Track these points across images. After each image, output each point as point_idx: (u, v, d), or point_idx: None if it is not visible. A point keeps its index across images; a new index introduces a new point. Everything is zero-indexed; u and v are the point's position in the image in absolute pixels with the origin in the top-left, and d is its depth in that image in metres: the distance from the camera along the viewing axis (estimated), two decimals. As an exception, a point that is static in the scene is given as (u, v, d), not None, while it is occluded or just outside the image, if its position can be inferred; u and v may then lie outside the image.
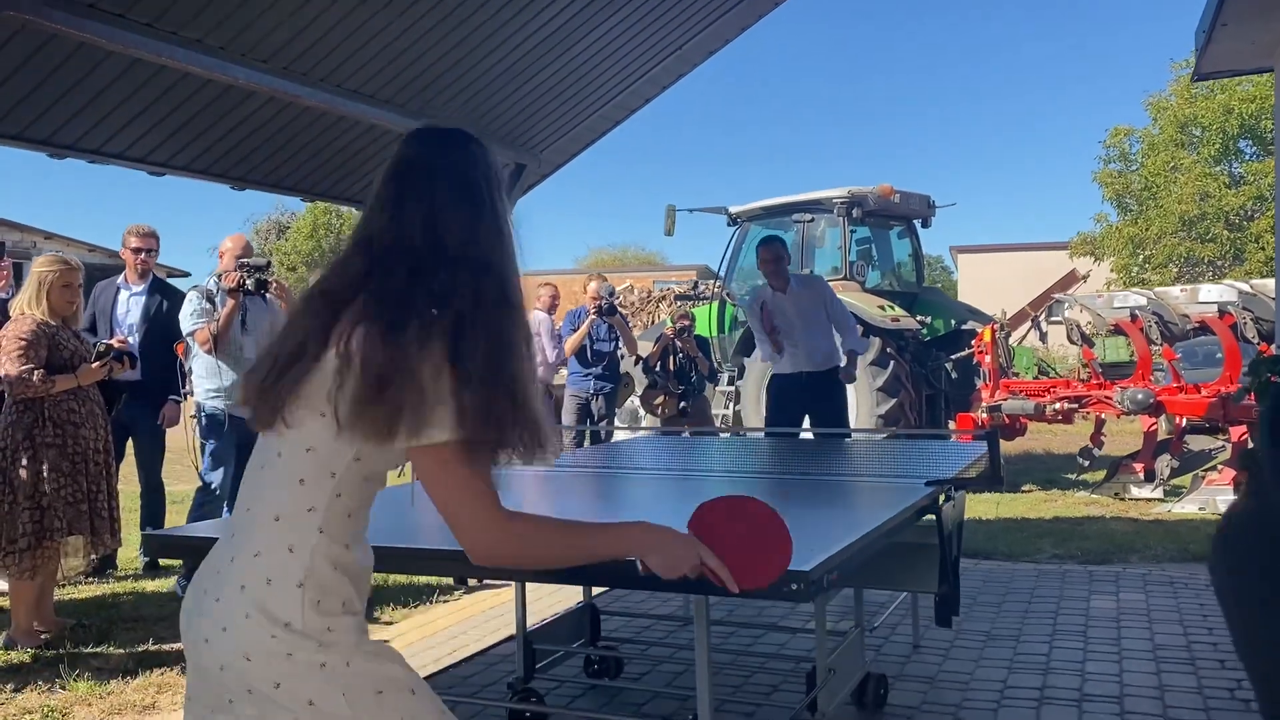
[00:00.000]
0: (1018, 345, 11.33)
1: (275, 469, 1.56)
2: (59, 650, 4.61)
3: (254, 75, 4.98)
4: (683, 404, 9.43)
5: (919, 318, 10.23)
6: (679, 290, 15.30)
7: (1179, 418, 8.73)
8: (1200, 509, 7.83)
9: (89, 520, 4.78)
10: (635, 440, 6.74)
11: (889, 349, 9.52)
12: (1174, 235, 23.98)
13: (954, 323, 10.73)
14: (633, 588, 5.23)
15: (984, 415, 9.27)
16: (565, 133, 7.42)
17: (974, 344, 9.93)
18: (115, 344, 5.07)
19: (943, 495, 3.29)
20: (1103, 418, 9.49)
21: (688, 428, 7.48)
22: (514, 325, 1.55)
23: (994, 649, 4.47)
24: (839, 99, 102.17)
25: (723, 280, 11.27)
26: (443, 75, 5.92)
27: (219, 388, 5.69)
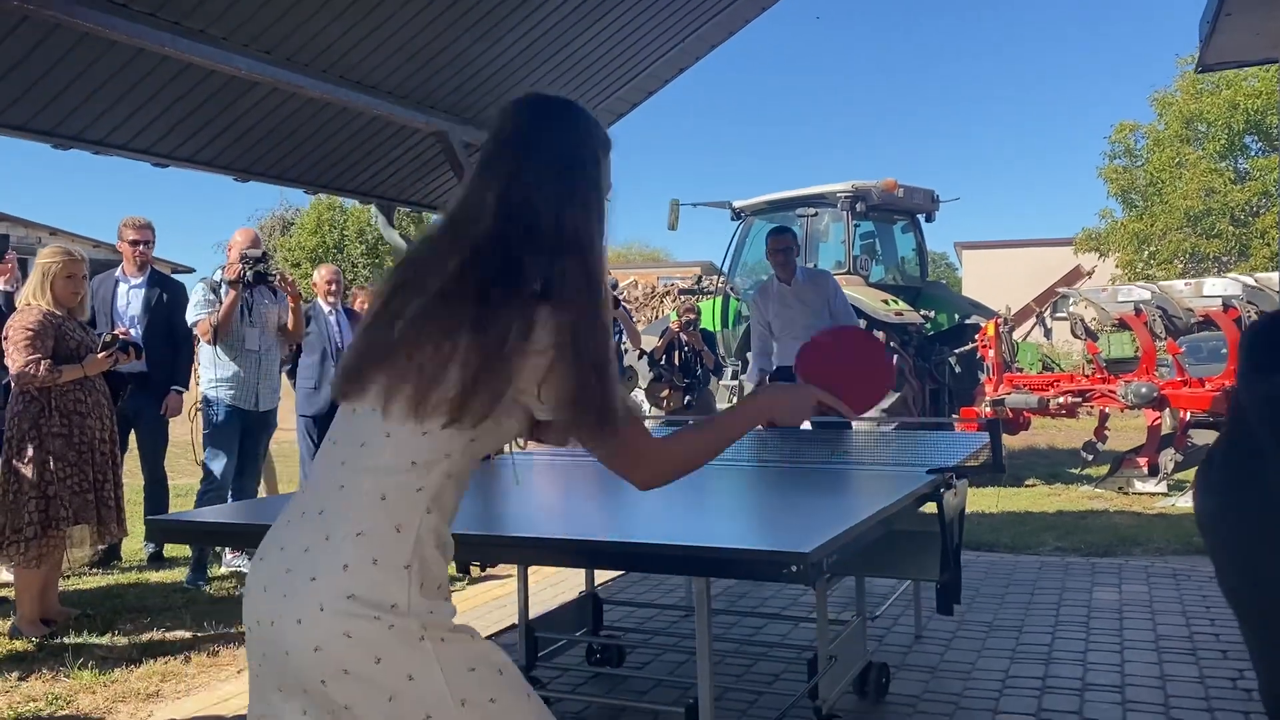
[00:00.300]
0: (1022, 341, 11.33)
1: (382, 448, 1.53)
2: (63, 639, 4.63)
3: (257, 66, 4.98)
4: (688, 397, 9.44)
5: (923, 312, 10.23)
6: (683, 285, 15.31)
7: (1183, 412, 8.72)
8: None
9: (95, 509, 4.80)
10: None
11: (892, 343, 9.51)
12: (1179, 231, 23.94)
13: (957, 317, 10.73)
14: (637, 570, 5.24)
15: (987, 409, 9.27)
16: (569, 125, 7.41)
17: (977, 338, 9.93)
18: (120, 334, 5.09)
19: (944, 483, 3.29)
20: (1106, 412, 9.49)
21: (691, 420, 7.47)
22: (603, 304, 1.59)
23: (996, 639, 4.47)
24: (843, 94, 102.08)
25: (727, 275, 11.27)
26: (445, 67, 5.92)
27: (220, 378, 5.76)
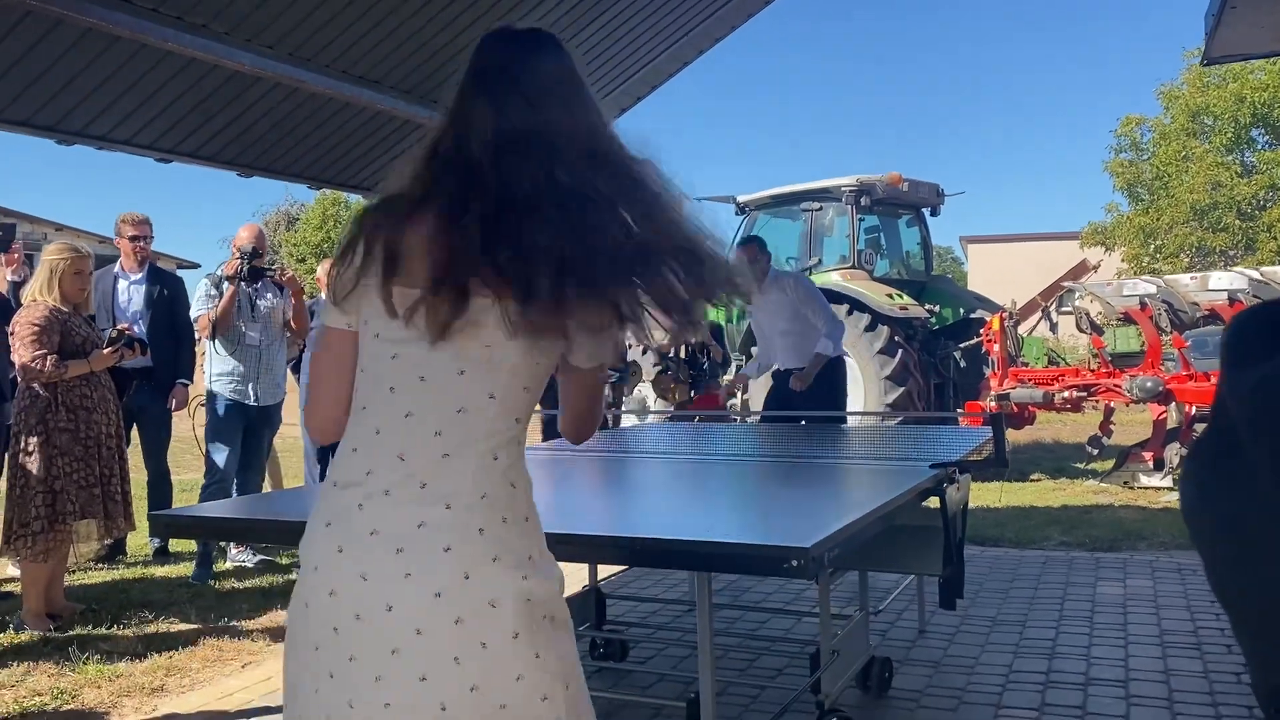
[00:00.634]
0: (1028, 335, 11.30)
1: (484, 409, 1.48)
2: (69, 634, 4.65)
3: (260, 61, 4.98)
4: (693, 391, 9.45)
5: (927, 306, 10.20)
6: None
7: (1188, 406, 8.69)
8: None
9: (101, 504, 4.83)
10: (643, 427, 6.75)
11: (897, 337, 9.49)
12: (1185, 225, 23.85)
13: (963, 311, 10.69)
14: (638, 565, 5.25)
15: (992, 404, 9.25)
16: (572, 120, 7.41)
17: (982, 333, 9.90)
18: (124, 330, 5.11)
19: (947, 478, 3.29)
20: (1112, 406, 9.46)
21: (695, 413, 7.48)
22: (677, 202, 1.52)
23: (1000, 634, 4.47)
24: (847, 88, 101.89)
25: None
26: (449, 61, 5.92)
27: (220, 372, 5.80)
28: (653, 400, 10.31)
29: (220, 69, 5.06)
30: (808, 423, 5.30)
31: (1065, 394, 9.24)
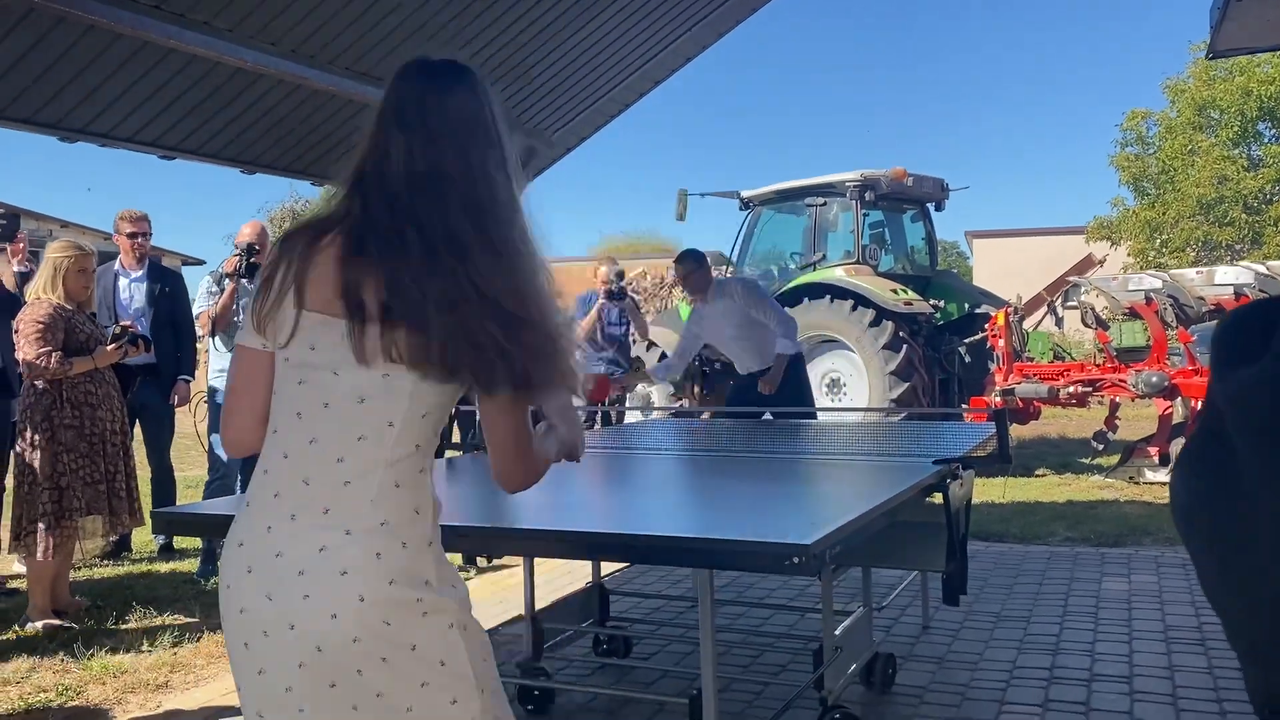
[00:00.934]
0: (1033, 330, 11.27)
1: (381, 439, 1.53)
2: (74, 629, 4.66)
3: (262, 58, 4.99)
4: (707, 392, 9.50)
5: (932, 301, 10.17)
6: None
7: (1194, 401, 8.66)
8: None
9: (107, 500, 4.85)
10: (648, 423, 6.75)
11: (901, 333, 9.47)
12: (1191, 219, 23.77)
13: (967, 306, 10.67)
14: (640, 562, 5.25)
15: (997, 399, 9.23)
16: (575, 116, 7.41)
17: (987, 328, 9.88)
18: (127, 327, 5.12)
19: (950, 474, 3.28)
20: (1117, 401, 9.44)
21: (695, 409, 7.48)
22: (545, 265, 1.58)
23: (1004, 630, 4.46)
24: (852, 83, 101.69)
25: (736, 265, 11.24)
26: (452, 57, 5.92)
27: (222, 368, 5.84)
28: (657, 398, 10.31)
29: (222, 66, 5.06)
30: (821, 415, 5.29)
31: (1070, 389, 9.21)
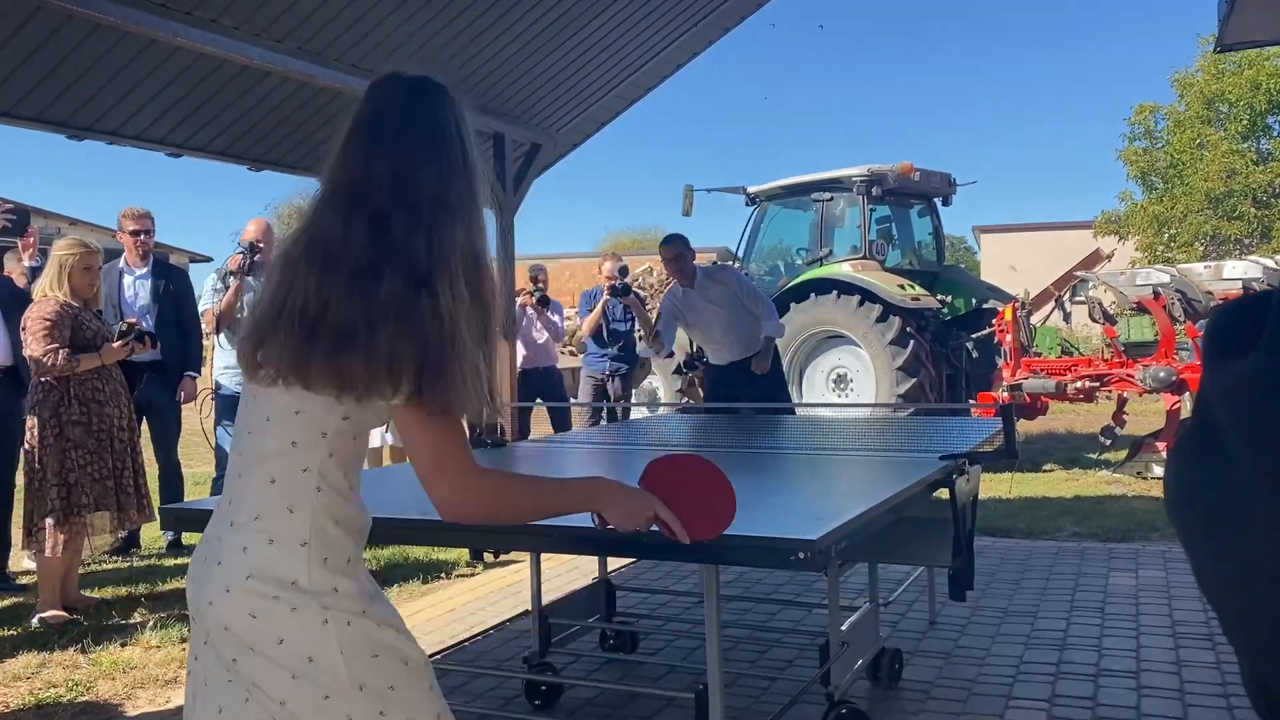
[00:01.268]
0: (1041, 325, 11.24)
1: (265, 434, 1.57)
2: (84, 625, 4.68)
3: (268, 55, 4.99)
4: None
5: (939, 296, 10.15)
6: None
7: (1202, 396, 8.62)
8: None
9: (115, 496, 4.87)
10: (652, 419, 6.75)
11: (909, 328, 9.46)
12: (1200, 213, 23.67)
13: (975, 301, 10.64)
14: (647, 558, 5.25)
15: (1005, 394, 9.21)
16: (581, 111, 7.41)
17: (995, 323, 9.85)
18: (133, 324, 5.14)
19: (956, 470, 3.28)
20: (1125, 396, 9.41)
21: (697, 405, 7.48)
22: (484, 284, 1.56)
23: (1011, 625, 4.46)
24: (858, 78, 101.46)
25: (742, 260, 11.23)
26: (459, 54, 5.92)
27: (227, 365, 5.87)
28: (662, 394, 10.30)
29: (229, 64, 5.07)
30: (825, 411, 5.29)
31: (1078, 384, 9.19)
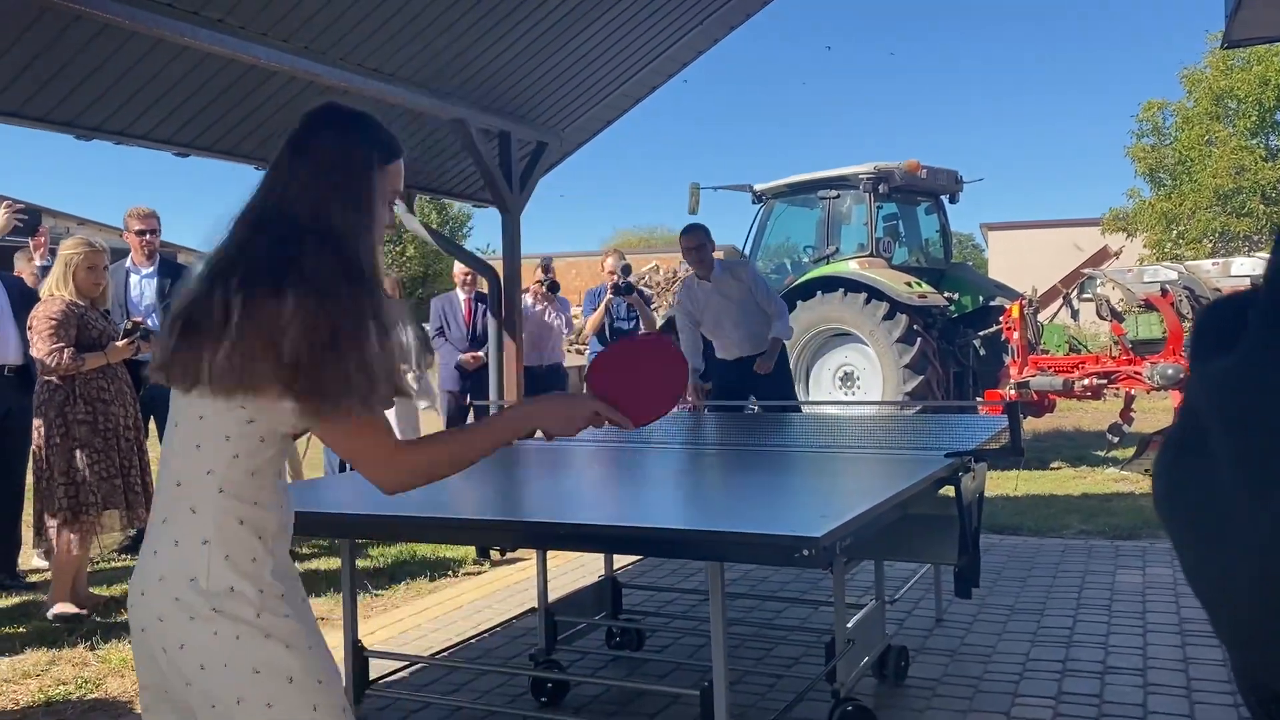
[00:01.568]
0: (1048, 322, 11.21)
1: (174, 437, 1.65)
2: (95, 622, 4.71)
3: (275, 55, 5.00)
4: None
5: (946, 294, 10.13)
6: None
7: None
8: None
9: (123, 494, 4.89)
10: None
11: (916, 325, 9.44)
12: (1209, 210, 23.59)
13: (982, 299, 10.62)
14: (653, 556, 5.26)
15: (1012, 392, 9.19)
16: (586, 110, 7.41)
17: (1002, 320, 9.84)
18: (139, 323, 5.16)
19: (962, 467, 3.28)
20: (1133, 393, 9.39)
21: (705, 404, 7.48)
22: (360, 297, 1.59)
23: (1017, 623, 4.46)
24: (865, 75, 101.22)
25: (749, 258, 11.23)
26: (464, 53, 5.93)
27: None
28: None
29: (236, 63, 5.08)
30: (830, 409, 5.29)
31: (1085, 381, 9.17)
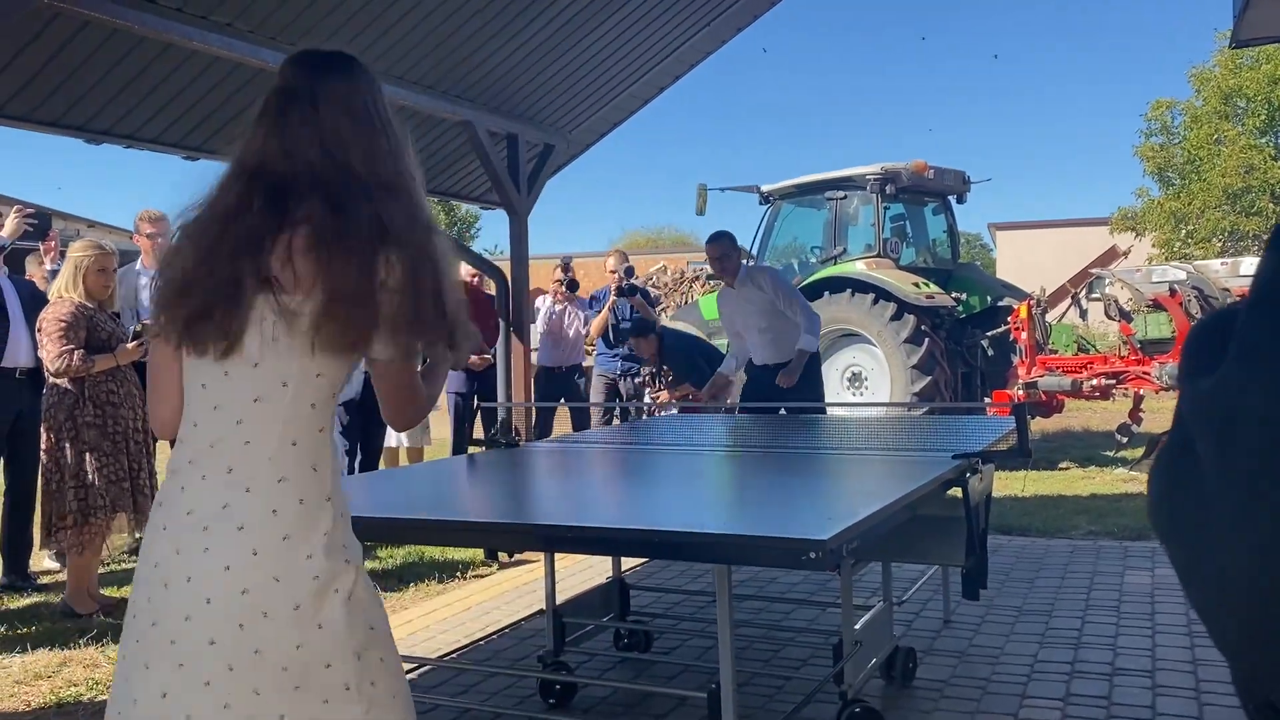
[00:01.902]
0: (1056, 322, 11.20)
1: (281, 398, 1.60)
2: (106, 622, 4.73)
3: (283, 59, 5.03)
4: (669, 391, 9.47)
5: (954, 294, 10.12)
6: (711, 271, 15.23)
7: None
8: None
9: (131, 497, 4.91)
10: (665, 418, 6.76)
11: (923, 326, 9.43)
12: (1218, 209, 23.51)
13: (990, 299, 10.60)
14: (661, 558, 5.26)
15: (1020, 392, 9.18)
16: (594, 112, 7.42)
17: (1010, 320, 9.82)
18: (150, 325, 5.18)
19: (969, 469, 3.28)
20: (1141, 394, 9.37)
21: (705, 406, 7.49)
22: (436, 241, 1.65)
23: (1025, 624, 4.45)
24: (871, 75, 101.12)
25: (756, 259, 11.22)
26: (470, 56, 5.94)
27: None
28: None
29: (244, 67, 5.10)
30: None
31: (1094, 382, 9.16)
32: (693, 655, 4.17)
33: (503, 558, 5.93)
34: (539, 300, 8.19)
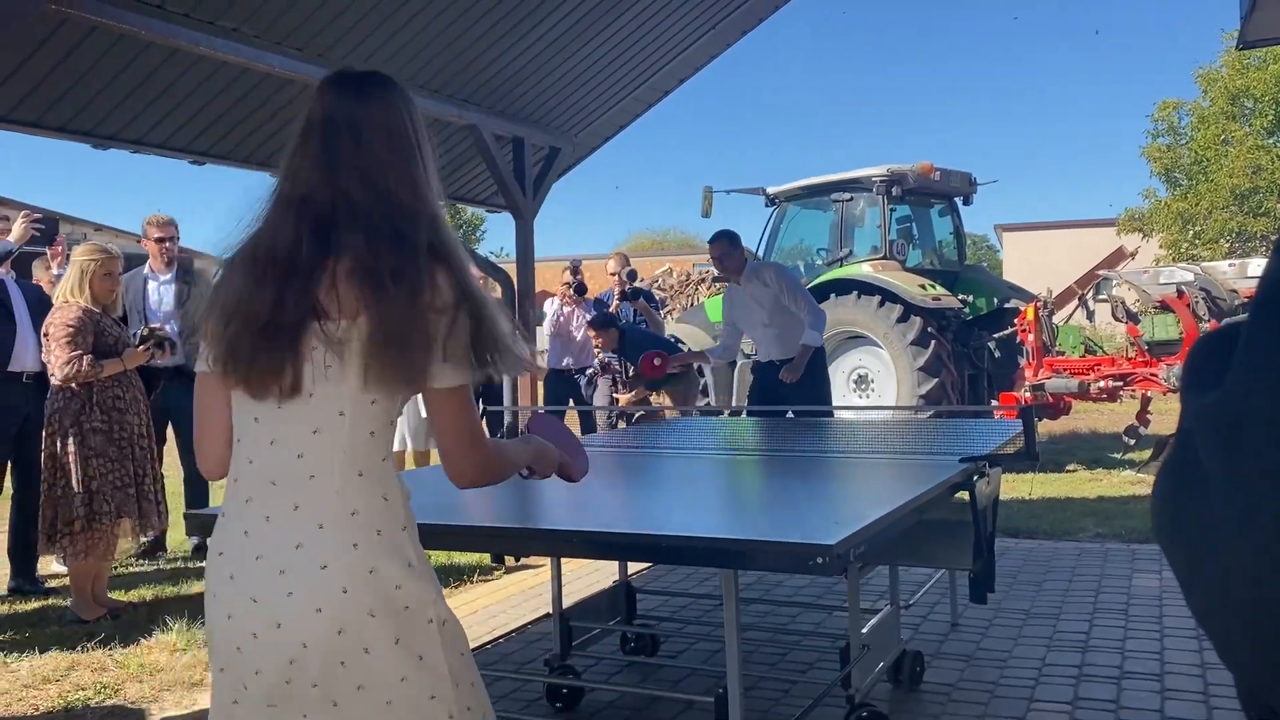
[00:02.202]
0: (1063, 324, 11.17)
1: (339, 428, 1.56)
2: (114, 626, 4.74)
3: (289, 63, 5.04)
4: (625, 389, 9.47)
5: (961, 296, 10.09)
6: (717, 272, 15.22)
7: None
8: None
9: (136, 503, 4.92)
10: (671, 421, 6.76)
11: (930, 328, 9.41)
12: (1225, 210, 23.45)
13: (996, 301, 10.58)
14: (666, 562, 5.26)
15: (1027, 394, 9.16)
16: (599, 115, 7.43)
17: (1017, 322, 9.80)
18: (155, 329, 5.19)
19: (977, 472, 3.27)
20: (1149, 395, 9.33)
21: (713, 408, 7.48)
22: (465, 266, 1.63)
23: (1033, 627, 4.44)
24: (878, 77, 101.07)
25: (774, 263, 11.21)
26: (476, 60, 5.95)
27: None
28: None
29: (251, 72, 5.12)
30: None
31: (1101, 384, 9.13)
32: (700, 659, 4.17)
33: (509, 561, 5.93)
34: (547, 303, 8.18)
